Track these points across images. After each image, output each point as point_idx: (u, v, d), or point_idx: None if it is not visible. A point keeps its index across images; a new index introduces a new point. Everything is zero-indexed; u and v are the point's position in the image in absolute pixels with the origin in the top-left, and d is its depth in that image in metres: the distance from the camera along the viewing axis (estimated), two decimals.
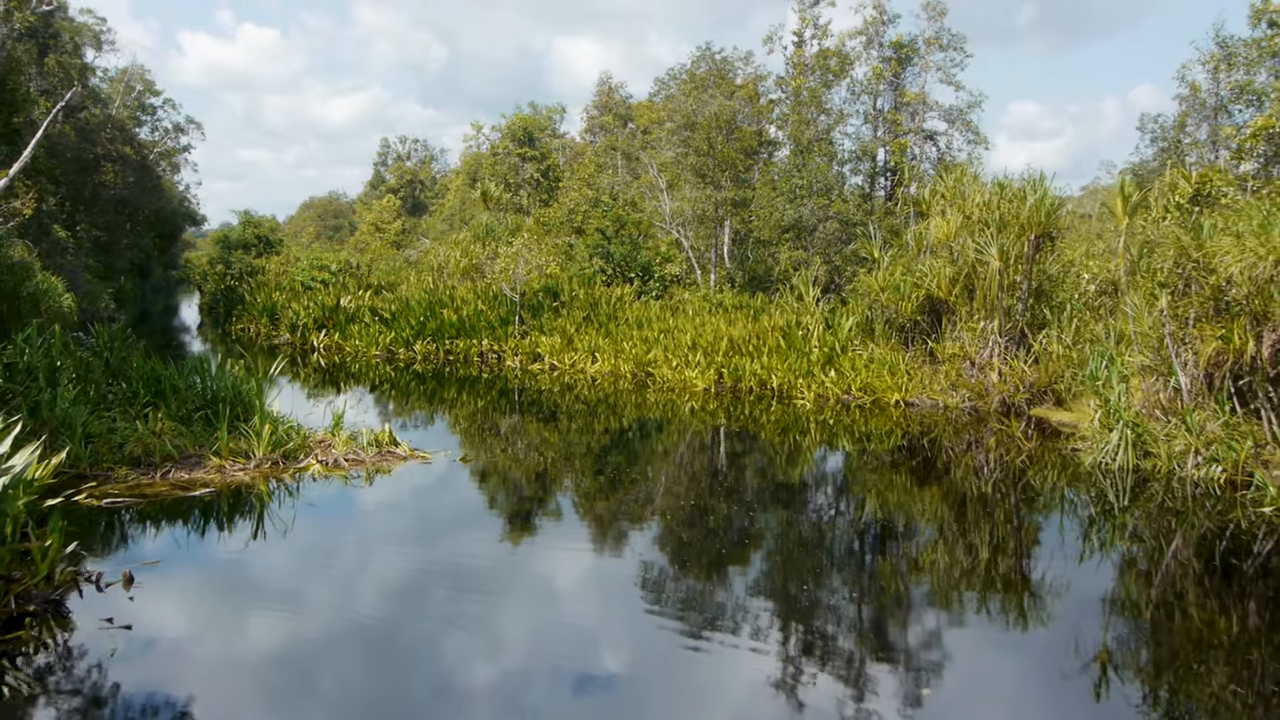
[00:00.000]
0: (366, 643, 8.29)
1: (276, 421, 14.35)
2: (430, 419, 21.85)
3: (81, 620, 8.39)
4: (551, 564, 10.92)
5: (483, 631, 8.74)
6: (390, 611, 9.05)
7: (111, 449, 13.16)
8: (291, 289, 39.48)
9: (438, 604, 9.34)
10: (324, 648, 8.29)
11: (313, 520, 11.69)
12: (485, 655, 8.25)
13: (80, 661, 7.68)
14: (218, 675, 7.65)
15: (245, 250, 56.07)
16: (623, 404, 22.95)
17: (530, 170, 47.58)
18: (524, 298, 30.17)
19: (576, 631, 8.89)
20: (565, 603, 9.76)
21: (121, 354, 15.85)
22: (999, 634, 9.28)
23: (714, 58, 36.05)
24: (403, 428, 20.18)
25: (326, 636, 8.49)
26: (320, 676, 7.80)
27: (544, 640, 8.62)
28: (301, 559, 10.48)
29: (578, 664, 8.13)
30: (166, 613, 8.88)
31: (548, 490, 14.28)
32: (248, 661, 8.03)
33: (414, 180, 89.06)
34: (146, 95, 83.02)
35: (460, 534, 11.85)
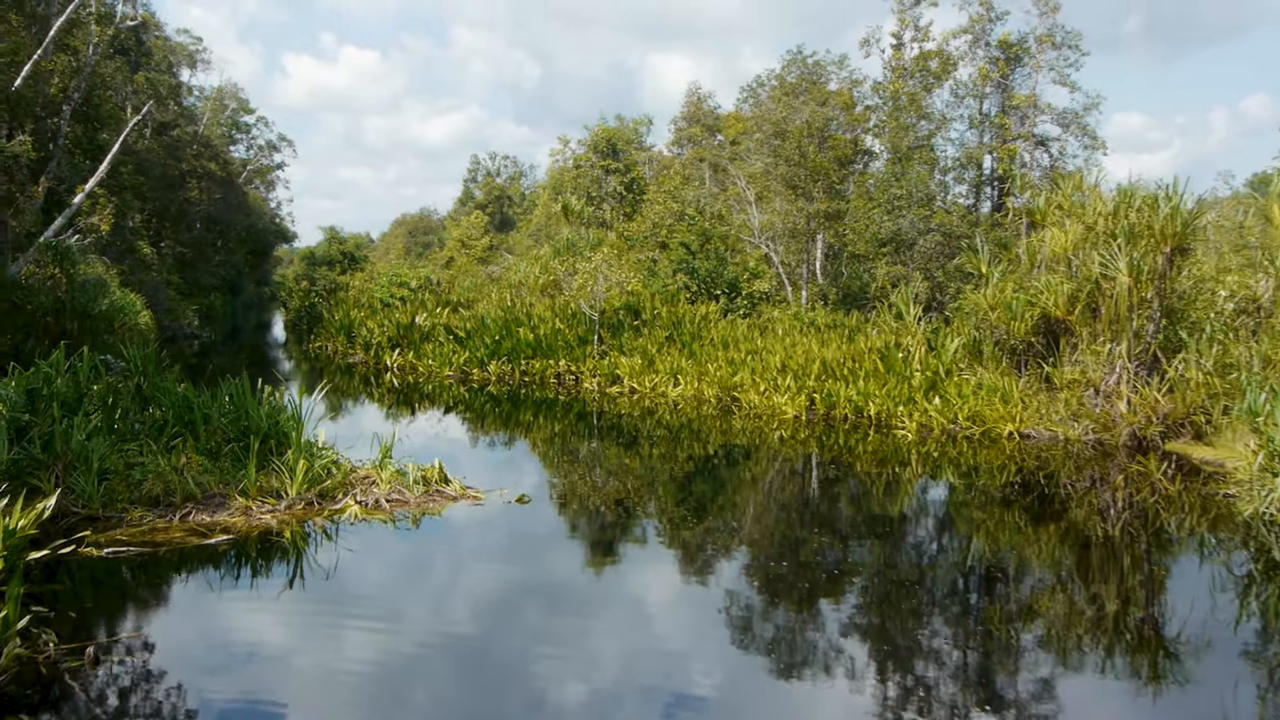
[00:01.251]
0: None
1: (314, 456, 12.86)
2: (502, 444, 20.39)
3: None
4: (627, 614, 9.24)
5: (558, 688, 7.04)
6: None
7: (129, 487, 11.79)
8: (369, 306, 38.53)
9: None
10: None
11: (342, 578, 10.10)
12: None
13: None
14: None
15: (330, 266, 55.70)
16: (706, 431, 21.15)
17: (613, 183, 46.13)
18: (603, 316, 28.58)
19: (660, 682, 7.35)
20: (644, 657, 8.14)
21: (155, 378, 14.55)
22: (1125, 694, 7.95)
23: (805, 62, 34.11)
24: (471, 455, 18.75)
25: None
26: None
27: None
28: (316, 635, 8.87)
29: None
30: (123, 711, 7.30)
31: (622, 532, 12.54)
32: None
33: (502, 196, 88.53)
34: (240, 113, 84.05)
35: (522, 597, 10.16)
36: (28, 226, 33.30)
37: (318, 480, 12.50)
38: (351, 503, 12.22)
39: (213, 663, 8.10)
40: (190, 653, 8.27)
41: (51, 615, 8.55)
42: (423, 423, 23.07)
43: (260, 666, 8.05)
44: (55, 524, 11.10)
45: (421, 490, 12.95)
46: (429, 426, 22.48)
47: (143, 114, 35.95)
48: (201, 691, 7.46)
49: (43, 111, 37.21)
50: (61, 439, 11.96)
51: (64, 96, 38.00)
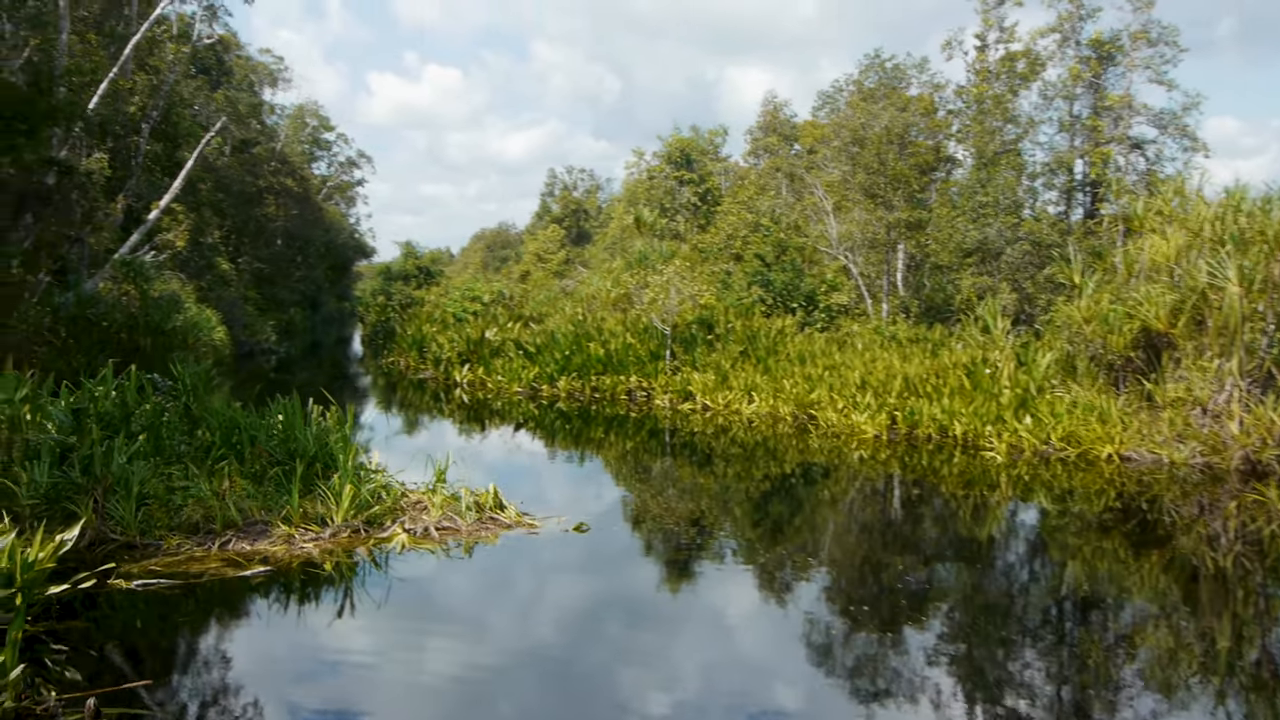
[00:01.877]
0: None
1: (362, 480, 12.21)
2: (569, 464, 19.74)
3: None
4: (695, 654, 8.35)
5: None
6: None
7: (168, 513, 11.25)
8: (442, 320, 38.21)
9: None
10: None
11: (384, 618, 9.38)
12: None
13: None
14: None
15: (405, 281, 55.73)
16: (782, 450, 20.20)
17: (687, 194, 45.31)
18: (675, 330, 27.73)
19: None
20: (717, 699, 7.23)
21: (204, 398, 14.07)
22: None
23: (884, 66, 32.94)
24: (535, 474, 18.06)
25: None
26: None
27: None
28: (352, 687, 8.13)
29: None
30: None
31: (690, 560, 11.63)
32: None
33: (578, 210, 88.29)
34: (321, 130, 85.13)
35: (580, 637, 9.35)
36: (106, 244, 33.58)
37: (365, 506, 11.84)
38: (399, 531, 11.53)
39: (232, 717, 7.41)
40: (206, 704, 7.59)
41: (69, 655, 7.99)
42: (488, 441, 22.47)
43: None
44: (92, 551, 10.61)
45: (474, 517, 12.20)
46: (494, 445, 21.86)
47: (216, 130, 36.12)
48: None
49: (122, 130, 37.63)
50: (101, 462, 11.46)
51: (143, 115, 38.41)
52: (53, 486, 11.25)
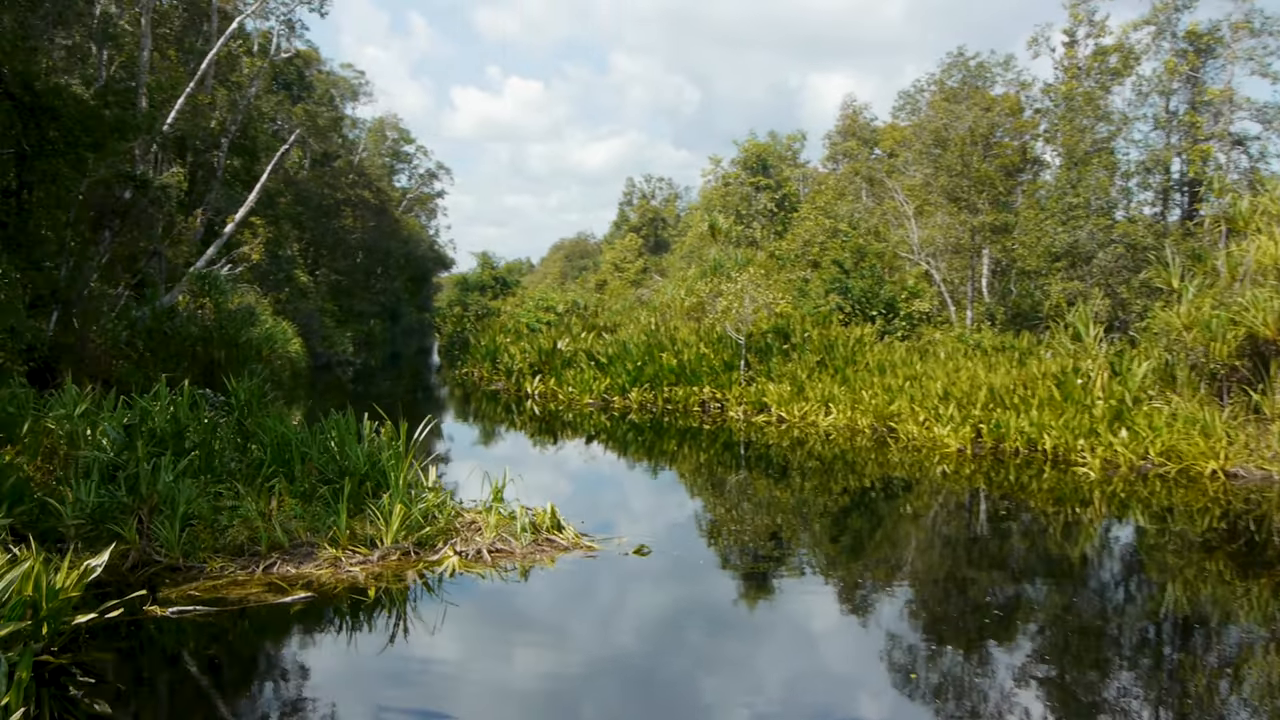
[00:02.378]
0: None
1: (414, 499, 11.71)
2: (638, 479, 19.11)
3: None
4: (769, 686, 7.64)
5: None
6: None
7: (214, 534, 10.86)
8: (515, 331, 37.92)
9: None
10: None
11: (426, 652, 8.84)
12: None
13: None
14: None
15: (481, 292, 55.71)
16: (861, 463, 19.33)
17: (763, 201, 44.43)
18: (750, 340, 26.95)
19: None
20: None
21: (258, 413, 13.73)
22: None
23: (967, 65, 31.75)
24: (602, 490, 17.48)
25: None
26: None
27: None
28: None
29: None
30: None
31: (762, 584, 10.90)
32: None
33: (656, 218, 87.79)
34: (401, 143, 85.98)
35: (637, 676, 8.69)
36: (185, 257, 33.92)
37: (416, 527, 11.32)
38: (450, 553, 10.99)
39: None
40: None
41: (95, 687, 7.58)
42: (557, 454, 21.99)
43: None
44: (135, 573, 10.27)
45: (530, 539, 11.61)
46: (563, 458, 21.36)
47: (290, 142, 36.30)
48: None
49: (202, 145, 38.08)
50: (147, 480, 11.13)
51: (222, 130, 38.83)
52: (98, 506, 10.96)
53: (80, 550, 10.68)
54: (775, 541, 13.31)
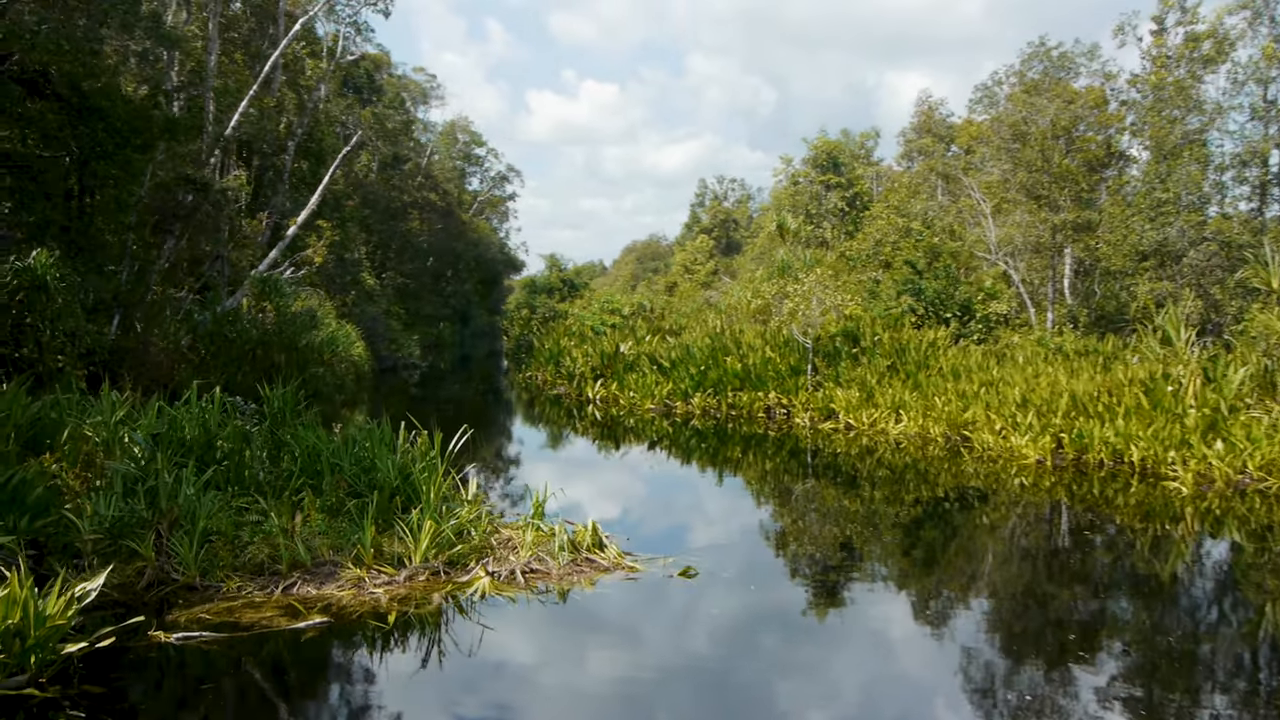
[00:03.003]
0: None
1: (446, 515, 11.01)
2: (696, 488, 18.29)
3: None
4: None
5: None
6: None
7: (234, 551, 10.28)
8: (579, 334, 37.30)
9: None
10: None
11: (444, 692, 8.12)
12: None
13: None
14: None
15: (549, 294, 55.25)
16: (933, 474, 18.30)
17: (834, 200, 43.23)
18: (817, 343, 25.93)
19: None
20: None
21: (292, 422, 13.17)
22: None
23: (1049, 55, 30.31)
24: (657, 501, 16.69)
25: None
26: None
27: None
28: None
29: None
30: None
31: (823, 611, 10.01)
32: None
33: (728, 220, 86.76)
34: (472, 146, 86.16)
35: None
36: (251, 260, 33.88)
37: (447, 545, 10.62)
38: (481, 574, 10.25)
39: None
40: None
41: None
42: (615, 462, 21.28)
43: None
44: (150, 592, 9.71)
45: (568, 558, 10.83)
46: (621, 467, 20.66)
47: (350, 145, 36.09)
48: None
49: (270, 148, 38.11)
50: (167, 493, 10.59)
51: (288, 133, 38.83)
52: (117, 520, 10.45)
53: (95, 567, 10.20)
54: (842, 559, 12.36)
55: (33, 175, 20.11)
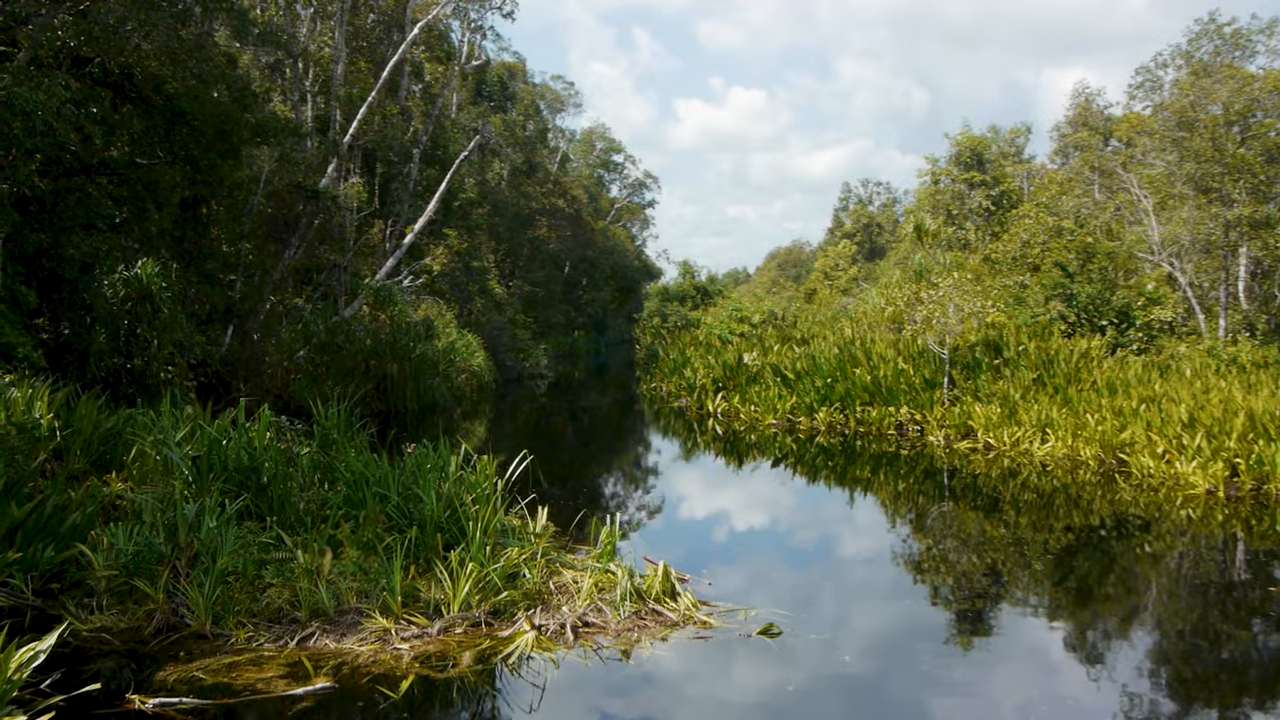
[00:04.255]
0: None
1: (493, 555, 9.64)
2: (807, 516, 16.60)
3: None
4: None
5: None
6: None
7: (252, 593, 9.13)
8: (706, 343, 35.72)
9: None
10: None
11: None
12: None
13: None
14: None
15: (681, 302, 53.85)
16: (1085, 502, 16.09)
17: (978, 198, 40.47)
18: (955, 354, 23.73)
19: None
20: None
21: (343, 443, 12.03)
22: None
23: (1221, 32, 27.25)
24: (760, 530, 15.02)
25: None
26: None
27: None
28: None
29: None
30: None
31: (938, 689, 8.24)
32: None
33: (871, 224, 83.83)
34: (610, 152, 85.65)
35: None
36: (371, 270, 33.52)
37: (493, 590, 9.24)
38: (526, 627, 8.82)
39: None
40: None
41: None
42: (728, 483, 19.71)
43: None
44: (157, 639, 8.65)
45: (630, 610, 9.31)
46: (733, 488, 19.08)
47: (467, 150, 35.41)
48: None
49: (396, 156, 37.84)
50: (186, 526, 9.53)
51: (413, 140, 38.51)
52: (135, 556, 9.45)
53: (107, 608, 9.22)
54: (977, 610, 10.46)
55: (145, 184, 19.78)
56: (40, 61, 15.55)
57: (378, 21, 38.73)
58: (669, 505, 17.80)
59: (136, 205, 20.50)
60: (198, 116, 16.50)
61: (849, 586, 11.81)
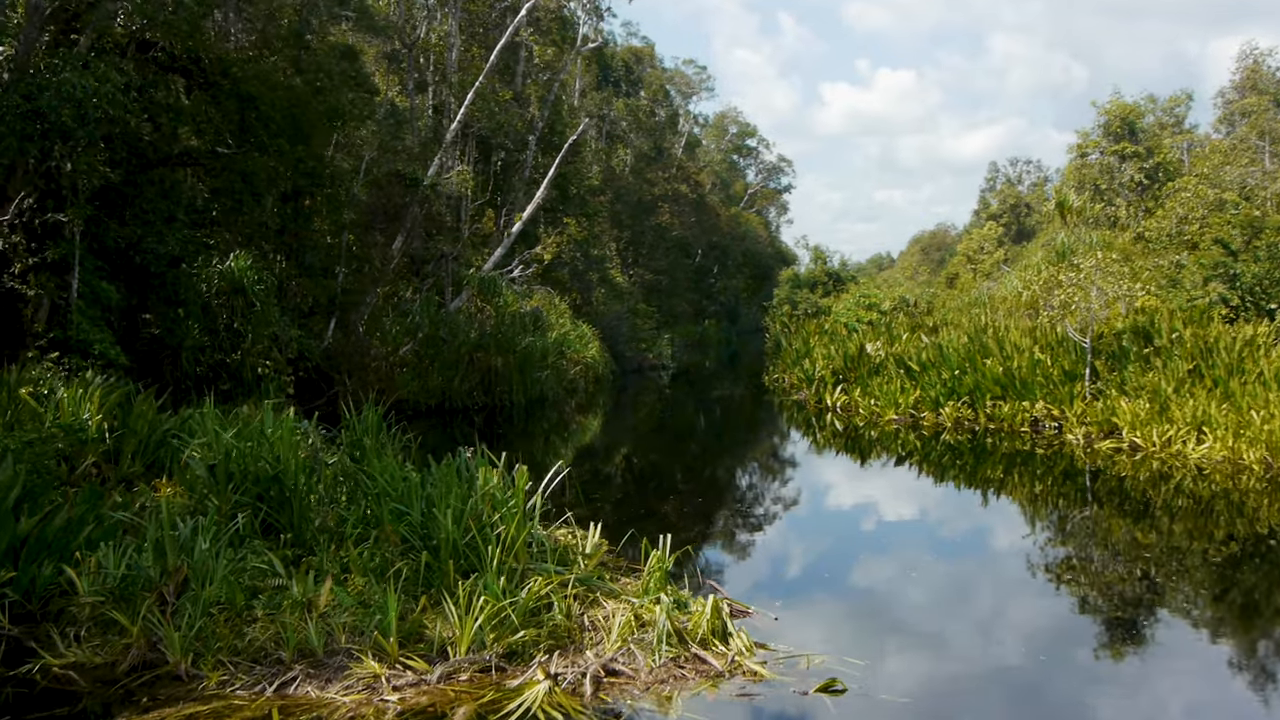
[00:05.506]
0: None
1: (513, 585, 8.34)
2: (936, 520, 14.94)
3: None
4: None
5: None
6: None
7: (238, 627, 8.04)
8: (831, 332, 33.80)
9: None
10: None
11: None
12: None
13: None
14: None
15: (812, 289, 51.61)
16: (1250, 510, 13.93)
17: (1129, 171, 37.13)
18: (1099, 342, 21.38)
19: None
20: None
21: (374, 451, 10.88)
22: None
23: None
24: (859, 545, 13.38)
25: None
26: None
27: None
28: None
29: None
30: None
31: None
32: None
33: (1019, 205, 79.55)
34: (743, 137, 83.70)
35: None
36: (481, 259, 32.77)
37: (510, 628, 7.94)
38: (540, 676, 7.46)
39: None
40: None
41: None
42: (835, 485, 18.12)
43: None
44: (130, 679, 7.65)
45: (668, 654, 7.87)
46: (837, 493, 17.47)
47: (577, 134, 34.30)
48: None
49: (512, 143, 37.07)
50: (175, 547, 8.53)
51: (528, 127, 37.68)
52: (123, 580, 8.51)
53: (86, 639, 8.28)
54: (1122, 671, 8.65)
55: (243, 176, 19.26)
56: (102, 49, 14.99)
57: (493, 6, 37.99)
58: (763, 514, 16.25)
59: (233, 198, 20.01)
60: (265, 101, 15.72)
61: (958, 624, 10.02)
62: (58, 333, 16.36)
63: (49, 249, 15.69)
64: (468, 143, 34.83)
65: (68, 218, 15.41)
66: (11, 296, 16.21)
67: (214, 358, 20.23)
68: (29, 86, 13.21)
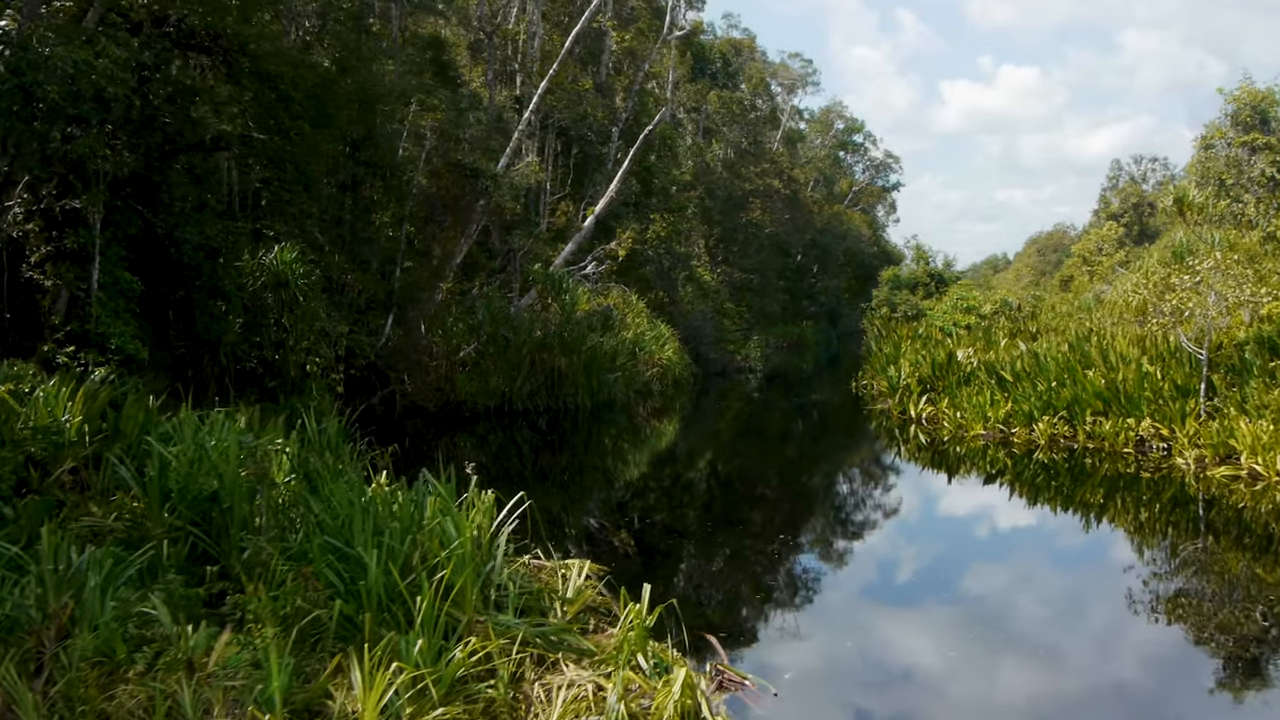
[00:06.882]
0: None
1: (451, 642, 6.87)
2: (1000, 568, 13.05)
3: None
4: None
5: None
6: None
7: (108, 690, 6.72)
8: (926, 336, 31.67)
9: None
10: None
11: None
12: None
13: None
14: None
15: (913, 290, 49.21)
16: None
17: (1260, 165, 33.81)
18: (1217, 354, 19.00)
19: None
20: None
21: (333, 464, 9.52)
22: None
23: None
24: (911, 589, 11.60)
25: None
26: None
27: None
28: None
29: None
30: None
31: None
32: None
33: (1141, 203, 75.22)
34: (849, 133, 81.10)
35: None
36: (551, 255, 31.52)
37: (428, 704, 6.45)
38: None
39: None
40: None
41: None
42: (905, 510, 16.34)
43: None
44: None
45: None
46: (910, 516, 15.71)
47: (654, 125, 32.74)
48: None
49: (594, 135, 35.79)
50: (61, 585, 7.28)
51: (611, 118, 36.33)
52: (6, 619, 7.29)
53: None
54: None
55: (296, 165, 18.28)
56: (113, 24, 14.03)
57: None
58: (814, 544, 14.52)
59: (284, 186, 19.05)
60: (285, 80, 14.59)
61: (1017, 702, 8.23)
62: (75, 325, 15.50)
63: (68, 237, 14.82)
64: (547, 134, 33.65)
65: (83, 204, 14.50)
66: (29, 287, 15.41)
67: (255, 354, 19.24)
68: (17, 61, 12.26)
